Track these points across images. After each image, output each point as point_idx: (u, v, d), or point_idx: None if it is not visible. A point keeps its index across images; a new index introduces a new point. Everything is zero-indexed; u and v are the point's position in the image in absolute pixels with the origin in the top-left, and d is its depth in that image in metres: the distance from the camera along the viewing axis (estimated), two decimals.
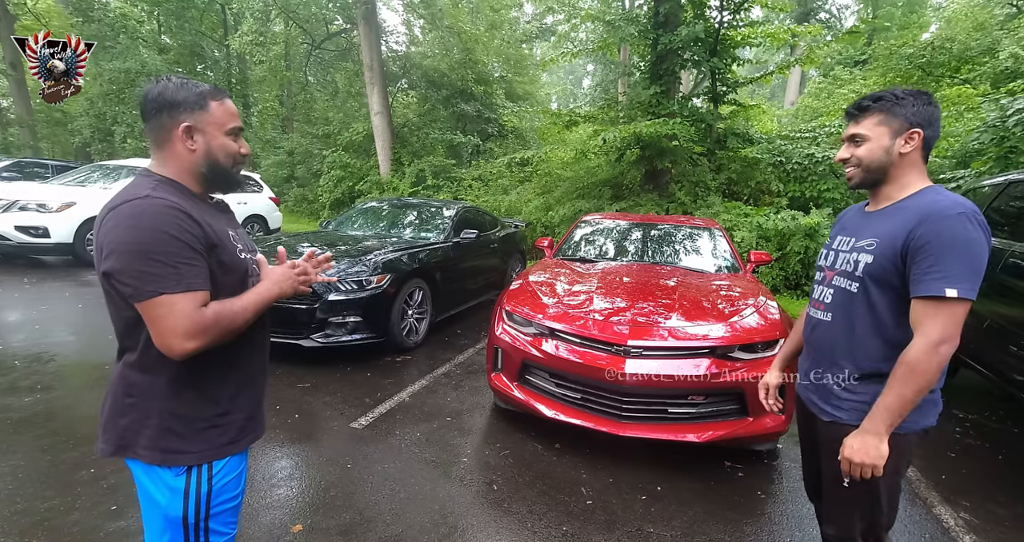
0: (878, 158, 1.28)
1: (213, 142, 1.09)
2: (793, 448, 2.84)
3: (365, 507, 2.15)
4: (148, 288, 0.95)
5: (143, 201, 0.98)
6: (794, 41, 10.13)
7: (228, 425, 1.13)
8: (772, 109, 16.01)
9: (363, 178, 13.02)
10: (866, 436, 1.20)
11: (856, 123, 1.31)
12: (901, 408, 1.17)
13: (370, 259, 3.93)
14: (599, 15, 8.95)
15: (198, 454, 1.08)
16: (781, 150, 7.53)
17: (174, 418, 1.06)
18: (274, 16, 15.72)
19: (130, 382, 1.06)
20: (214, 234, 1.06)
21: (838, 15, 21.66)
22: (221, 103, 1.10)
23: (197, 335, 0.97)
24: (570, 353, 2.62)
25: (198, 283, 1.00)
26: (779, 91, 26.27)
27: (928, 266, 1.15)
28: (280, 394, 3.19)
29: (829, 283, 1.38)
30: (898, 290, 1.22)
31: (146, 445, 1.05)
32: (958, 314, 1.14)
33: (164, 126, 1.06)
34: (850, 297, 1.31)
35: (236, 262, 1.12)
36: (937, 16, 14.88)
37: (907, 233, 1.19)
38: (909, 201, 1.26)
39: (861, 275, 1.27)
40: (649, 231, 4.28)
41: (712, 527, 2.14)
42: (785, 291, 6.78)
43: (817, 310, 1.42)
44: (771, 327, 2.67)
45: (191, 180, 1.10)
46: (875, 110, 1.28)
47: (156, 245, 0.96)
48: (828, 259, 1.42)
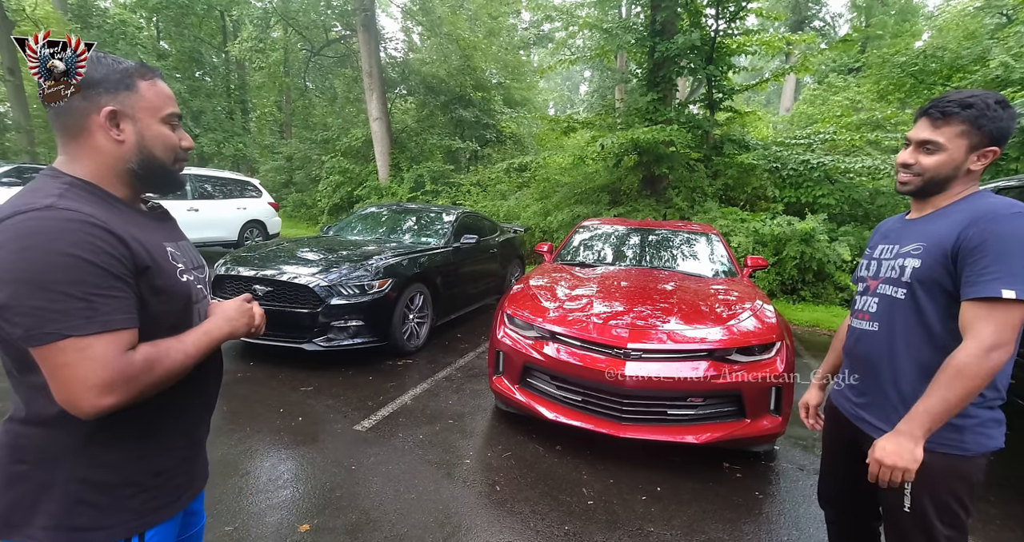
0: (944, 174, 1.19)
1: (147, 131, 0.87)
2: (790, 449, 2.89)
3: (370, 507, 2.18)
4: (48, 329, 0.72)
5: (42, 214, 0.74)
6: (789, 49, 10.29)
7: (163, 485, 0.91)
8: (767, 116, 16.17)
9: (362, 183, 13.09)
10: (901, 438, 1.12)
11: (934, 128, 1.19)
12: (944, 412, 1.09)
13: (372, 264, 3.97)
14: (596, 23, 9.07)
15: (121, 527, 0.85)
16: (777, 156, 7.64)
17: (88, 487, 0.82)
18: (273, 23, 15.83)
19: (20, 443, 0.81)
20: (144, 253, 0.83)
21: (832, 23, 21.94)
22: (153, 83, 0.89)
23: (117, 387, 0.75)
24: (571, 356, 2.67)
25: (120, 320, 0.77)
26: (774, 98, 26.52)
27: (983, 267, 1.08)
28: (284, 397, 3.22)
29: (873, 292, 1.31)
30: (950, 293, 1.15)
31: (45, 525, 0.80)
32: (1015, 317, 1.06)
33: (77, 111, 0.83)
34: (897, 304, 1.24)
35: (175, 286, 0.89)
36: (929, 25, 15.11)
37: (958, 233, 1.12)
38: (956, 206, 1.20)
39: (908, 280, 1.21)
40: (647, 236, 4.34)
41: (711, 526, 2.18)
42: (782, 296, 6.85)
43: (861, 321, 1.34)
44: (768, 330, 2.72)
45: (114, 180, 0.87)
46: (961, 119, 1.15)
47: (59, 272, 0.72)
48: (870, 269, 1.36)
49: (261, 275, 3.76)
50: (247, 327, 1.01)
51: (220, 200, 8.72)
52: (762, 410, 2.57)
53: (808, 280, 6.82)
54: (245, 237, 9.18)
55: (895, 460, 1.11)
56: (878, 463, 1.15)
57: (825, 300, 6.74)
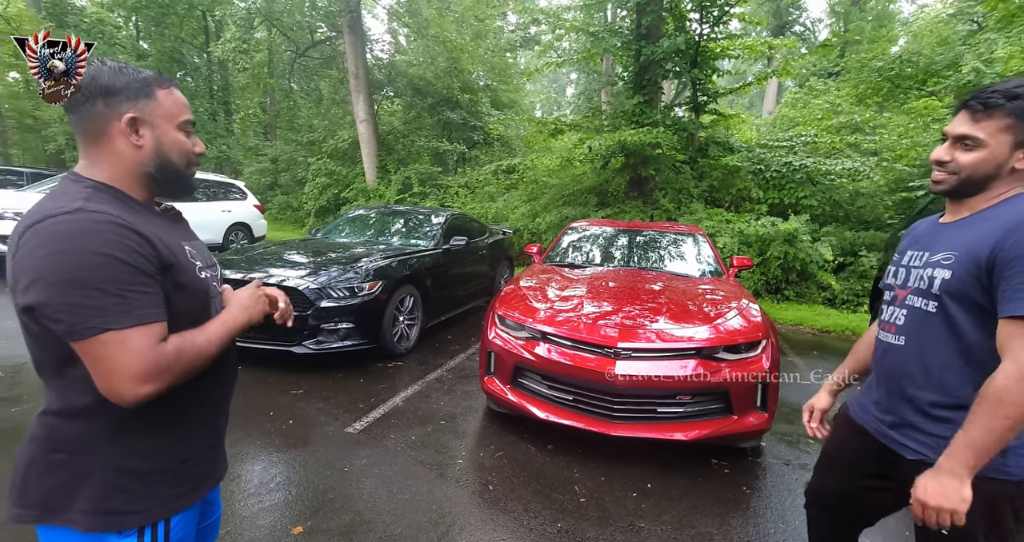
0: (984, 172, 1.09)
1: (164, 137, 0.92)
2: (776, 445, 2.96)
3: (364, 508, 2.18)
4: (89, 324, 0.77)
5: (73, 216, 0.79)
6: (771, 53, 10.49)
7: (188, 472, 0.97)
8: (751, 118, 16.44)
9: (349, 185, 13.02)
10: (943, 477, 1.02)
11: (974, 121, 1.08)
12: (990, 444, 0.98)
13: (361, 266, 3.97)
14: (583, 27, 9.16)
15: (152, 512, 0.91)
16: (760, 158, 7.78)
17: (122, 474, 0.88)
18: (257, 24, 15.67)
19: (56, 434, 0.86)
20: (168, 251, 0.89)
21: (812, 28, 22.42)
22: (170, 92, 0.94)
23: (155, 376, 0.81)
24: (562, 356, 2.70)
25: (152, 314, 0.83)
26: (757, 101, 26.96)
27: (1022, 282, 0.98)
28: (273, 401, 3.20)
29: (901, 303, 1.23)
30: (985, 308, 1.06)
31: (84, 509, 0.85)
32: None
33: (99, 117, 0.87)
34: (927, 318, 1.15)
35: (196, 283, 0.95)
36: (905, 30, 15.51)
37: (994, 243, 1.03)
38: (995, 210, 1.09)
39: (938, 293, 1.12)
40: (635, 237, 4.40)
41: (700, 521, 2.22)
42: (766, 295, 6.98)
43: (888, 333, 1.26)
44: (753, 329, 2.78)
45: (134, 184, 0.91)
46: (1005, 112, 1.04)
47: (95, 270, 0.77)
48: (899, 277, 1.26)
49: (249, 278, 3.73)
50: (263, 313, 1.06)
51: (204, 203, 8.62)
52: (748, 407, 2.62)
53: (792, 280, 6.95)
54: (230, 240, 9.08)
55: (940, 502, 1.01)
56: (922, 505, 1.04)
57: (808, 299, 6.88)
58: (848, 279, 6.85)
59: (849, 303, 6.66)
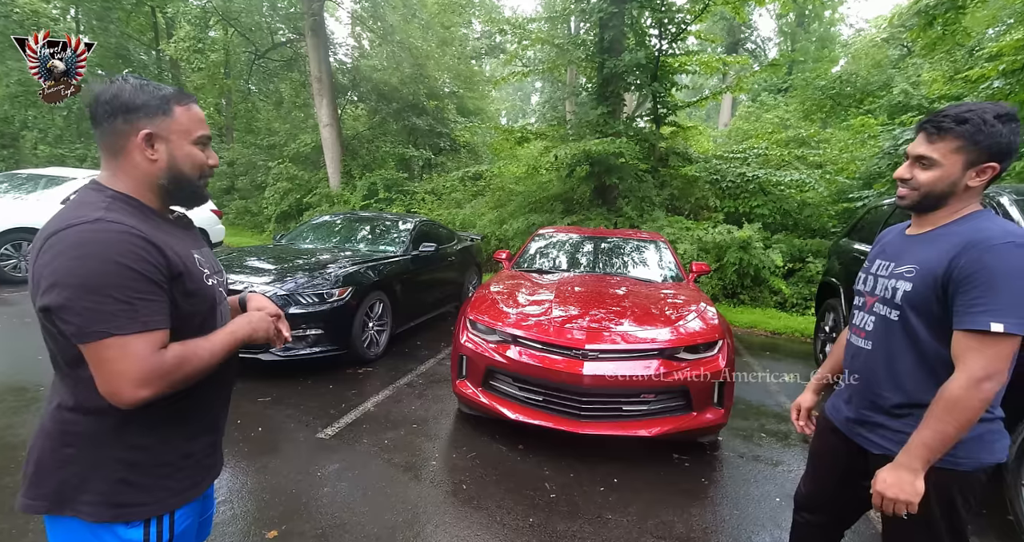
0: (941, 189, 1.18)
1: (178, 151, 0.97)
2: (732, 440, 3.15)
3: (339, 511, 2.20)
4: (96, 328, 0.82)
5: (93, 226, 0.85)
6: (725, 69, 11.05)
7: (191, 468, 1.02)
8: (708, 130, 17.20)
9: (311, 191, 12.77)
10: (900, 471, 1.13)
11: (930, 143, 1.18)
12: (940, 445, 1.10)
13: (331, 272, 3.95)
14: (548, 39, 9.40)
15: (158, 505, 0.96)
16: (717, 169, 8.19)
17: (128, 468, 0.93)
18: (213, 23, 15.19)
19: (68, 429, 0.91)
20: (179, 260, 0.94)
21: (763, 46, 23.73)
22: (187, 108, 0.99)
23: (153, 381, 0.85)
24: (532, 358, 2.80)
25: (156, 321, 0.88)
26: (713, 113, 28.15)
27: (973, 298, 1.07)
28: (241, 408, 3.15)
29: (870, 310, 1.33)
30: (941, 319, 1.15)
31: (92, 501, 0.90)
32: (1005, 350, 1.06)
33: (119, 132, 0.93)
34: (890, 325, 1.25)
35: (204, 290, 1.00)
36: (844, 52, 16.67)
37: (949, 261, 1.12)
38: (954, 226, 1.18)
39: (900, 303, 1.21)
40: (600, 244, 4.57)
41: (663, 511, 2.36)
42: (724, 299, 7.32)
43: (858, 338, 1.36)
44: (711, 330, 2.97)
45: (149, 194, 0.97)
46: (955, 135, 1.13)
47: (108, 278, 0.83)
48: (867, 284, 1.36)
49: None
50: (266, 333, 1.09)
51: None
52: (707, 403, 2.80)
53: (746, 285, 7.32)
54: None
55: (896, 493, 1.12)
56: (880, 495, 1.16)
57: (762, 303, 7.26)
58: (797, 284, 7.28)
59: (798, 306, 7.08)
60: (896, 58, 10.70)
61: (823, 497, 1.53)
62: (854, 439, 1.37)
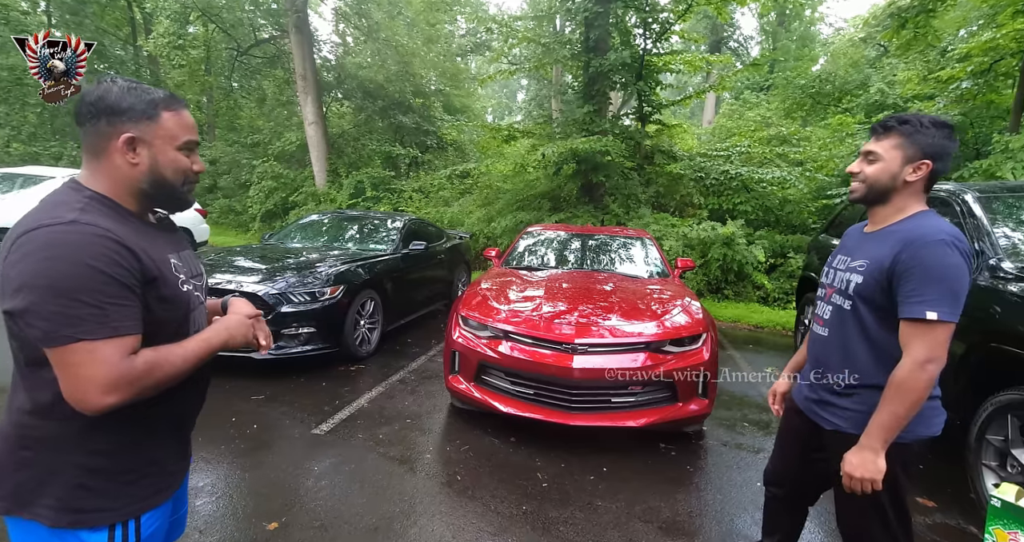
0: (884, 181, 1.33)
1: (162, 157, 0.95)
2: (715, 429, 3.26)
3: (337, 503, 2.26)
4: (64, 332, 0.80)
5: (66, 227, 0.82)
6: (708, 68, 11.24)
7: (158, 473, 1.00)
8: (692, 128, 17.43)
9: (297, 189, 12.67)
10: (864, 452, 1.27)
11: (877, 140, 1.34)
12: (895, 424, 1.24)
13: (322, 271, 3.98)
14: (535, 38, 9.46)
15: (122, 511, 0.94)
16: (701, 166, 8.35)
17: (88, 473, 0.90)
18: (194, 18, 14.93)
19: (26, 432, 0.89)
20: (153, 265, 0.92)
21: (745, 44, 24.04)
22: (176, 113, 0.97)
23: (121, 388, 0.83)
24: (523, 353, 2.87)
25: (127, 326, 0.85)
26: (698, 110, 28.47)
27: (911, 290, 1.22)
28: (235, 406, 3.18)
29: (828, 300, 1.47)
30: (886, 309, 1.29)
31: (50, 505, 0.88)
32: (941, 335, 1.20)
33: (101, 134, 0.91)
34: (844, 314, 1.39)
35: (178, 296, 0.98)
36: (824, 51, 17.01)
37: (893, 257, 1.26)
38: (900, 225, 1.32)
39: (852, 294, 1.36)
40: (588, 241, 4.66)
41: (650, 497, 2.46)
42: (708, 295, 7.48)
43: (818, 326, 1.50)
44: (696, 324, 3.07)
45: (128, 197, 0.95)
46: (897, 133, 1.30)
47: (78, 281, 0.80)
48: (828, 277, 1.50)
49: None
50: (244, 339, 1.08)
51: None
52: (691, 394, 2.90)
53: (730, 280, 7.49)
54: None
55: (862, 473, 1.26)
56: (848, 477, 1.29)
57: (745, 298, 7.43)
58: (779, 279, 7.47)
59: (780, 300, 7.27)
60: (873, 58, 10.98)
61: (788, 474, 1.68)
62: (811, 417, 1.51)
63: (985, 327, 2.34)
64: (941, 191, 3.11)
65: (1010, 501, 1.54)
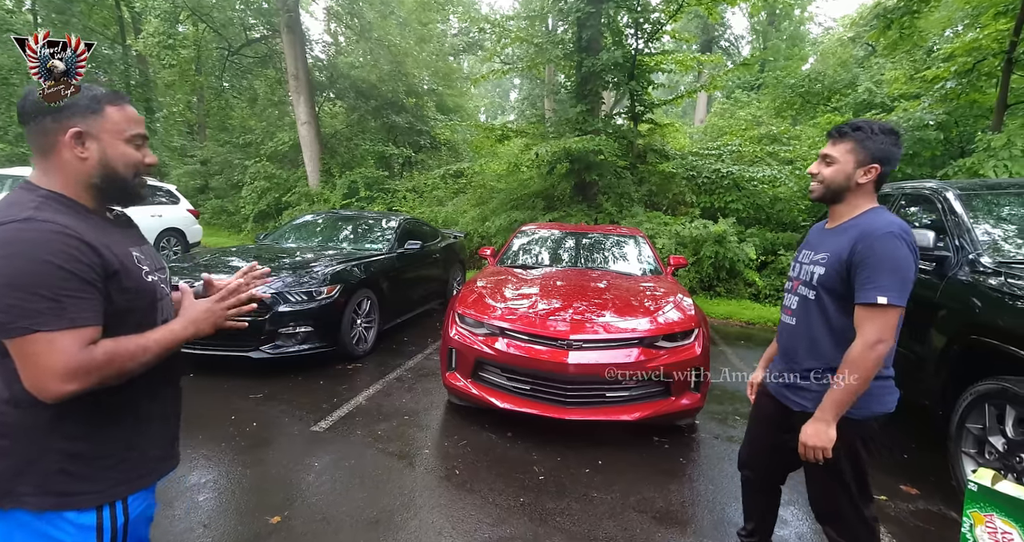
0: (839, 182, 1.47)
1: (110, 150, 0.97)
2: (707, 422, 3.33)
3: (338, 498, 2.30)
4: (20, 324, 0.84)
5: (23, 225, 0.86)
6: (699, 68, 11.34)
7: (138, 458, 1.04)
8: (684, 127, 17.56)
9: (290, 189, 12.64)
10: (818, 424, 1.41)
11: (833, 144, 1.49)
12: (846, 398, 1.37)
13: (319, 270, 4.02)
14: (528, 38, 9.51)
15: (107, 492, 0.98)
16: (693, 165, 8.44)
17: (69, 458, 0.94)
18: (184, 18, 14.83)
19: (3, 421, 0.91)
20: (114, 259, 0.94)
21: (736, 43, 24.23)
22: (120, 108, 0.99)
23: (79, 376, 0.86)
24: (519, 349, 2.93)
25: (85, 318, 0.89)
26: (689, 109, 28.64)
27: (865, 278, 1.35)
28: (234, 405, 3.21)
29: (795, 292, 1.60)
30: (845, 297, 1.42)
31: (32, 492, 0.91)
32: (891, 318, 1.34)
33: (48, 131, 0.94)
34: (809, 303, 1.52)
35: (142, 286, 1.01)
36: (813, 50, 17.19)
37: (851, 248, 1.39)
38: (855, 221, 1.47)
39: (816, 285, 1.49)
40: (582, 239, 4.72)
41: (644, 488, 2.52)
42: (701, 292, 7.57)
43: (786, 316, 1.63)
44: (688, 320, 3.14)
45: (82, 193, 0.97)
46: (851, 138, 1.45)
47: (35, 277, 0.84)
48: (795, 270, 1.63)
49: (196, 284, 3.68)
50: (213, 326, 1.11)
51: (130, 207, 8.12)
52: (684, 389, 2.97)
53: (722, 277, 7.59)
54: (162, 247, 8.61)
55: (815, 442, 1.40)
56: (803, 445, 1.44)
57: (737, 295, 7.53)
58: (770, 275, 7.58)
59: (771, 297, 7.37)
60: (861, 57, 11.14)
61: (760, 457, 1.80)
62: (782, 401, 1.63)
63: (965, 320, 2.43)
64: (924, 189, 3.20)
65: (986, 485, 1.62)
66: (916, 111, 6.35)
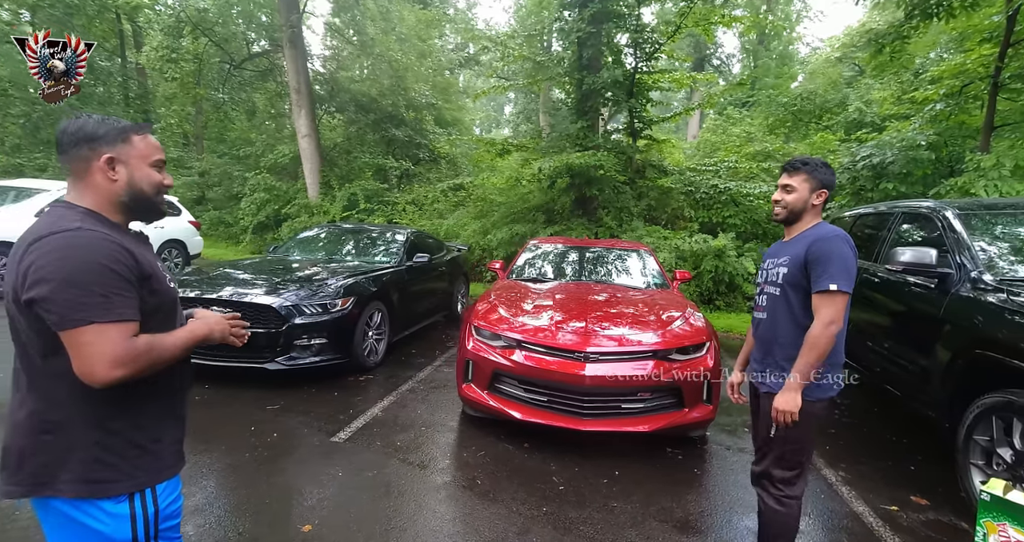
0: (799, 206, 1.85)
1: (137, 173, 1.11)
2: (718, 434, 3.40)
3: (365, 506, 2.34)
4: (76, 316, 0.95)
5: (76, 233, 0.99)
6: (695, 86, 11.63)
7: (164, 451, 1.14)
8: (678, 142, 17.88)
9: (290, 201, 12.67)
10: (788, 392, 1.72)
11: (790, 176, 1.85)
12: (807, 370, 1.68)
13: (333, 283, 4.07)
14: (530, 56, 9.72)
15: (138, 480, 1.08)
16: (690, 181, 8.62)
17: (103, 449, 1.04)
18: (187, 32, 14.96)
19: (44, 417, 1.02)
20: (147, 264, 1.09)
21: (727, 62, 24.84)
22: (144, 137, 1.14)
23: (126, 363, 0.98)
24: (536, 361, 2.99)
25: (129, 313, 1.01)
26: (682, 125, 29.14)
27: (820, 271, 1.70)
28: (253, 416, 3.23)
29: (763, 291, 1.93)
30: (805, 290, 1.76)
31: (70, 479, 1.02)
32: (840, 303, 1.68)
33: (84, 158, 1.07)
34: (776, 299, 1.85)
35: (167, 291, 1.16)
36: (802, 69, 17.67)
37: (806, 251, 1.74)
38: (807, 232, 1.84)
39: (781, 283, 1.82)
40: (590, 254, 4.82)
41: (661, 499, 2.58)
42: (701, 305, 7.68)
43: (758, 312, 1.95)
44: (698, 333, 3.23)
45: (111, 210, 1.11)
46: (804, 171, 1.83)
47: (89, 275, 0.96)
48: (762, 276, 1.97)
49: (218, 296, 3.72)
50: (222, 335, 1.24)
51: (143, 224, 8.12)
52: (697, 400, 3.04)
53: (721, 291, 7.72)
54: (163, 258, 8.60)
55: (785, 407, 1.70)
56: (775, 410, 1.73)
57: (736, 308, 7.65)
58: None
59: None
60: (850, 77, 11.49)
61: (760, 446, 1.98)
62: (758, 387, 1.90)
63: (969, 335, 2.53)
64: (923, 208, 3.34)
65: (998, 495, 1.70)
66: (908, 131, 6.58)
